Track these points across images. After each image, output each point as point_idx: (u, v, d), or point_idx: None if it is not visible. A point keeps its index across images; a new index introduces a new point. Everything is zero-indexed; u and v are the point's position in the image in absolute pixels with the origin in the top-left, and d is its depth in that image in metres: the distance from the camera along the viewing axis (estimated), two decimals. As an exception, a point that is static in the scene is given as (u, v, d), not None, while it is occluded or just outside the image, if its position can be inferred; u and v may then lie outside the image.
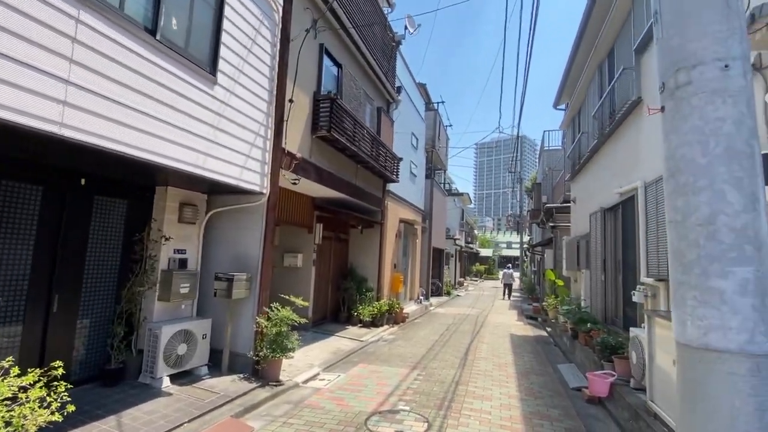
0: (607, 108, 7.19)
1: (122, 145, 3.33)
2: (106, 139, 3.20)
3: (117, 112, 3.28)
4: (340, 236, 10.03)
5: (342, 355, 6.75)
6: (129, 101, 3.39)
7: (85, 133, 3.04)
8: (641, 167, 5.70)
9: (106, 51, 3.20)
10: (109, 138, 3.22)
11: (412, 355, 7.00)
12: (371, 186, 9.61)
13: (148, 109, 3.57)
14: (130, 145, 3.40)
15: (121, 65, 3.32)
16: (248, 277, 5.32)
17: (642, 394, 4.45)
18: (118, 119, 3.29)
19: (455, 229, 25.07)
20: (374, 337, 8.30)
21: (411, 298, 13.57)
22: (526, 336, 9.80)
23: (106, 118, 3.20)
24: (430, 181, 16.03)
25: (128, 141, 3.38)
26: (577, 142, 10.04)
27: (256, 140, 5.07)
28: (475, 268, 40.53)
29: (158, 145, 3.68)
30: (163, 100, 3.74)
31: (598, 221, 7.73)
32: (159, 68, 3.69)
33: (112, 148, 3.25)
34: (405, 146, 12.29)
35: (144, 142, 3.53)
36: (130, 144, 3.39)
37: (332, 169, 7.44)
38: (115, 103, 3.28)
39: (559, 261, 12.51)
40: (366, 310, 9.27)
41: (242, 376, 5.11)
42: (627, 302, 6.31)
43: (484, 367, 6.34)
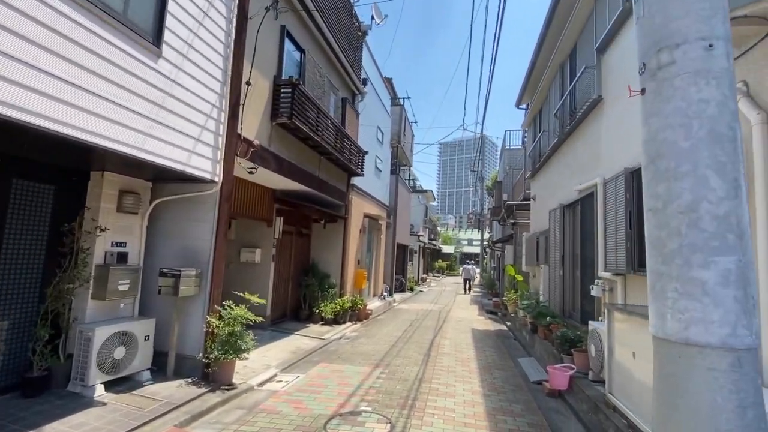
0: (568, 107, 7.35)
1: (41, 118, 2.85)
2: (20, 110, 2.72)
3: (35, 80, 2.80)
4: (301, 231, 9.65)
5: (302, 354, 6.43)
6: (49, 68, 2.90)
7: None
8: (600, 165, 5.84)
9: (19, 5, 2.71)
10: (25, 110, 2.74)
11: (375, 352, 6.82)
12: (335, 179, 9.30)
13: (74, 79, 3.09)
14: (52, 119, 2.92)
15: (41, 25, 2.84)
16: (198, 273, 4.88)
17: (601, 387, 4.52)
18: (36, 88, 2.81)
19: (419, 226, 25.21)
20: (336, 335, 8.03)
21: (375, 294, 13.41)
22: (487, 330, 9.93)
23: (20, 85, 2.71)
24: (396, 177, 15.92)
25: (49, 114, 2.90)
26: (537, 141, 10.27)
27: (207, 123, 4.64)
28: (437, 264, 41.15)
29: (88, 121, 3.21)
30: (95, 70, 3.27)
31: (557, 217, 7.91)
32: (90, 33, 3.21)
33: (27, 121, 2.76)
34: (371, 140, 12.06)
35: (70, 116, 3.06)
36: (51, 118, 2.92)
37: (294, 160, 7.07)
38: (33, 69, 2.79)
39: (519, 257, 12.82)
40: (328, 307, 8.98)
41: (190, 380, 4.69)
42: (585, 296, 6.48)
43: (447, 363, 6.28)
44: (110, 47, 3.40)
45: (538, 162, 10.06)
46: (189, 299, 4.90)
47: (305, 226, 9.86)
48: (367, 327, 9.37)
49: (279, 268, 8.66)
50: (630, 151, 4.79)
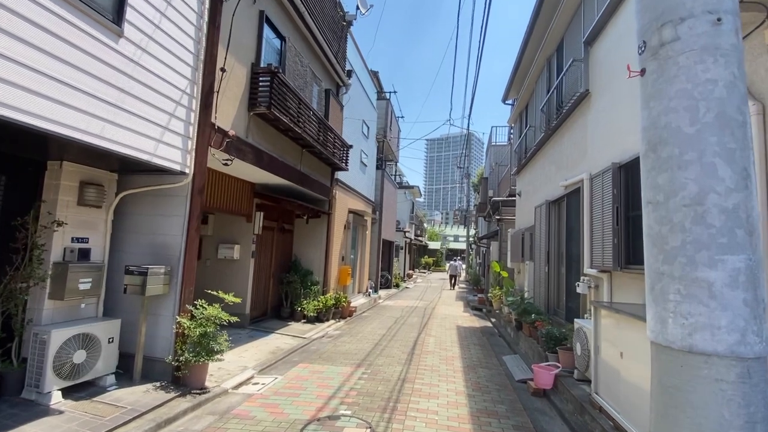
0: (555, 102, 7.24)
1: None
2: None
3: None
4: (283, 226, 9.36)
5: (281, 354, 6.20)
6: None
7: None
8: (587, 160, 5.74)
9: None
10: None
11: (358, 351, 6.63)
12: (318, 173, 9.03)
13: (20, 58, 2.78)
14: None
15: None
16: (167, 271, 4.59)
17: (586, 386, 4.43)
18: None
19: (405, 222, 25.09)
20: (318, 334, 7.81)
21: (359, 291, 13.21)
22: (472, 327, 9.85)
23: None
24: (381, 172, 15.70)
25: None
26: (523, 137, 10.19)
27: (176, 110, 4.34)
28: (423, 260, 41.19)
29: (37, 105, 2.90)
30: (45, 49, 2.95)
31: (542, 214, 7.83)
32: (39, 6, 2.90)
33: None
34: (355, 134, 11.80)
35: (14, 99, 2.75)
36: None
37: (274, 152, 6.79)
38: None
39: (504, 253, 12.78)
40: (310, 304, 8.74)
41: (159, 384, 4.42)
42: (570, 293, 6.41)
43: (431, 362, 6.13)
44: (63, 24, 3.08)
45: (524, 158, 9.98)
46: (158, 298, 4.61)
47: (287, 221, 9.58)
48: (350, 325, 9.18)
49: (259, 264, 8.38)
50: (617, 146, 4.69)
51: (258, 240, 8.19)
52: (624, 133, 4.58)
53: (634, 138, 4.31)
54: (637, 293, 4.13)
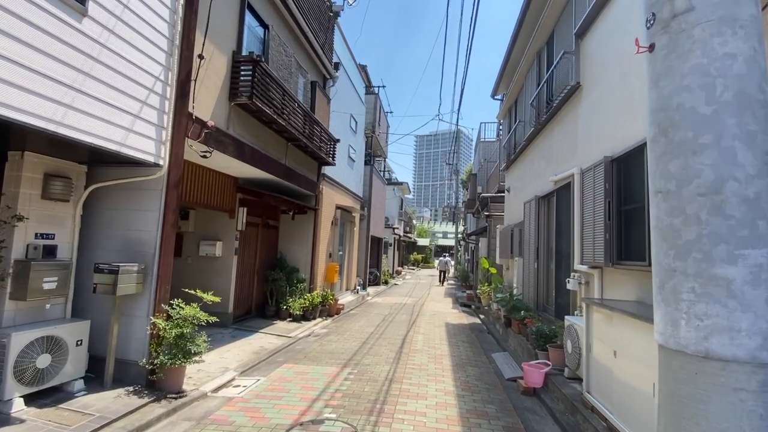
0: (545, 96, 7.14)
1: None
2: None
3: None
4: (268, 222, 9.10)
5: (265, 354, 5.99)
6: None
7: None
8: (577, 154, 5.65)
9: None
10: None
11: (345, 350, 6.46)
12: (304, 168, 8.79)
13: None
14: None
15: None
16: (141, 269, 4.34)
17: (577, 384, 4.34)
18: None
19: (394, 219, 24.94)
20: (304, 332, 7.61)
21: (347, 288, 13.03)
22: (460, 324, 9.76)
23: None
24: (370, 168, 15.49)
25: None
26: (512, 132, 10.10)
27: (149, 98, 4.07)
28: (412, 257, 41.17)
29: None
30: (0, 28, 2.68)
31: (532, 209, 7.75)
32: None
33: None
34: (343, 128, 11.57)
35: (-43, 78, 2.48)
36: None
37: (257, 145, 6.53)
38: None
39: (492, 249, 12.74)
40: (296, 303, 8.52)
41: (132, 389, 4.17)
42: (559, 290, 6.34)
43: (419, 361, 5.99)
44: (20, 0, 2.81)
45: (513, 153, 9.90)
46: (131, 298, 4.36)
47: (272, 217, 9.32)
48: (338, 323, 8.99)
49: (243, 262, 8.12)
50: (609, 139, 4.59)
51: (241, 236, 7.93)
52: (616, 126, 4.47)
53: (626, 131, 4.21)
54: (629, 290, 4.04)
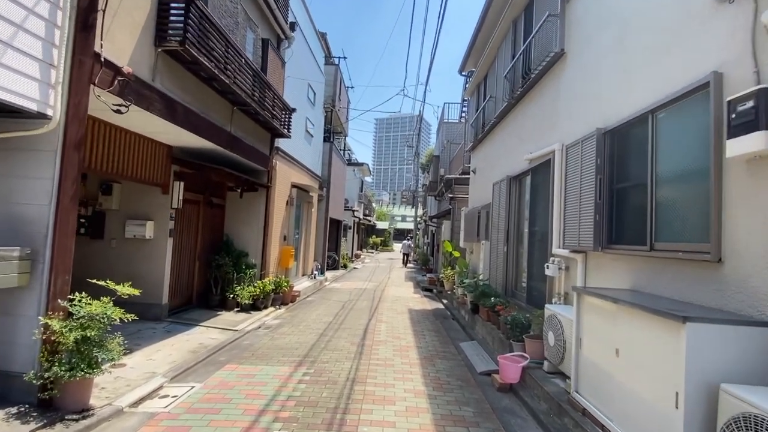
0: (521, 67, 6.62)
1: None
2: None
3: None
4: (212, 200, 8.00)
5: (204, 353, 5.11)
6: None
7: None
8: (559, 129, 5.19)
9: None
10: None
11: (299, 345, 5.72)
12: (254, 139, 7.75)
13: None
14: None
15: None
16: (27, 254, 3.29)
17: (560, 380, 3.94)
18: None
19: (354, 201, 24.16)
20: (254, 325, 6.76)
21: (304, 273, 12.19)
22: (424, 310, 9.34)
23: None
24: (330, 146, 14.52)
25: None
26: (481, 110, 9.61)
27: (27, 22, 2.97)
28: (371, 240, 40.76)
29: None
30: None
31: (502, 190, 7.33)
32: None
33: None
34: (300, 98, 10.50)
35: None
36: None
37: (194, 106, 5.46)
38: None
39: (456, 232, 12.41)
40: (245, 291, 7.61)
41: (16, 411, 3.20)
42: (532, 275, 5.98)
43: (384, 355, 5.40)
44: None
45: (481, 132, 9.43)
46: (12, 293, 3.31)
47: (217, 194, 8.21)
48: (293, 312, 8.20)
49: (180, 245, 7.04)
50: (601, 110, 4.11)
51: (178, 216, 6.83)
52: (610, 94, 4.00)
53: (623, 99, 3.74)
54: (621, 277, 3.64)
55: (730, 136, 2.39)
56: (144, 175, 5.89)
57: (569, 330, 3.76)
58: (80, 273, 5.42)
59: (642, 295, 3.14)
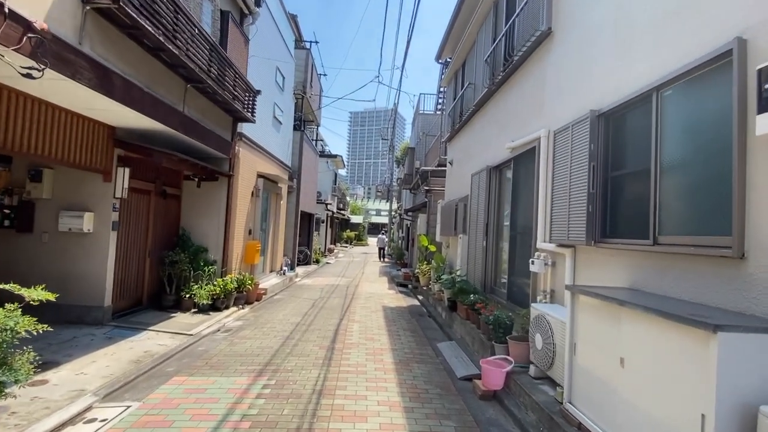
0: (503, 51, 6.24)
1: None
2: None
3: None
4: (165, 190, 7.20)
5: (149, 363, 4.45)
6: None
7: None
8: (544, 114, 4.82)
9: None
10: None
11: (262, 350, 5.14)
12: (213, 122, 7.02)
13: None
14: None
15: None
16: None
17: (548, 387, 3.59)
18: None
19: (327, 194, 23.44)
20: (212, 327, 6.10)
21: (272, 269, 11.50)
22: (399, 307, 8.92)
23: None
24: (300, 134, 13.78)
25: None
26: (459, 98, 9.22)
27: None
28: (345, 234, 40.09)
29: None
30: None
31: (481, 181, 6.97)
32: None
33: None
34: (267, 81, 9.75)
35: None
36: None
37: (137, 80, 4.74)
38: None
39: (432, 226, 12.06)
40: (204, 290, 6.92)
41: None
42: (513, 271, 5.64)
43: (356, 360, 4.92)
44: None
45: (459, 122, 9.05)
46: None
47: (172, 183, 7.42)
48: (257, 312, 7.57)
49: (127, 239, 6.26)
50: (594, 91, 3.75)
51: (124, 207, 6.05)
52: (605, 73, 3.64)
53: (621, 76, 3.38)
54: (617, 273, 3.30)
55: (761, 110, 2.03)
56: (80, 160, 5.11)
57: (561, 333, 3.40)
58: (1, 272, 4.63)
59: (645, 295, 2.79)
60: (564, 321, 3.36)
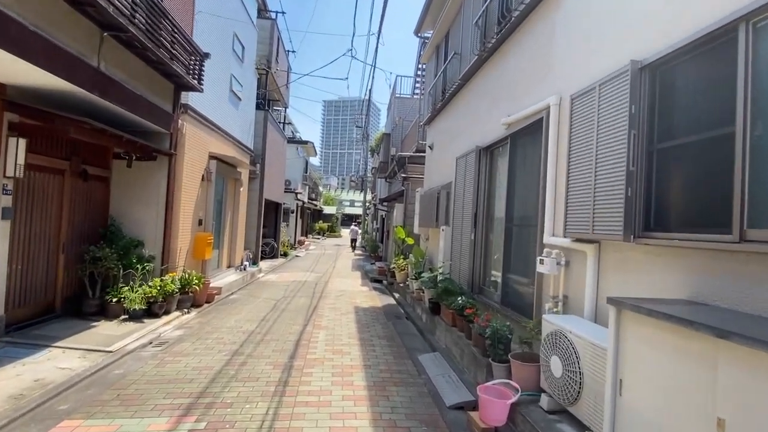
0: (498, 9, 5.30)
1: None
2: None
3: None
4: (86, 170, 5.85)
5: (37, 398, 3.27)
6: None
7: None
8: (556, 77, 3.92)
9: None
10: None
11: (198, 373, 4.04)
12: (147, 87, 5.72)
13: None
14: None
15: None
16: None
17: (568, 428, 2.72)
18: None
19: (297, 182, 22.07)
20: (142, 339, 4.92)
21: (231, 265, 10.24)
22: (373, 308, 7.96)
23: None
24: (265, 114, 12.43)
25: None
26: (441, 74, 8.25)
27: None
28: (318, 225, 38.72)
29: None
30: None
31: (469, 165, 6.06)
32: None
33: None
34: (221, 48, 8.42)
35: None
36: None
37: (24, 17, 3.45)
38: None
39: (410, 217, 11.15)
40: (137, 292, 5.69)
41: None
42: (511, 269, 4.77)
43: (318, 384, 3.91)
44: None
45: (441, 101, 8.10)
46: None
47: (96, 162, 6.07)
48: (205, 317, 6.40)
49: (28, 230, 4.93)
50: (641, 34, 2.84)
51: (21, 189, 4.72)
52: (655, 10, 2.73)
53: (680, 13, 2.48)
54: (659, 280, 2.45)
55: None
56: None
57: (592, 359, 2.52)
58: None
59: (737, 315, 1.93)
60: (597, 344, 2.48)
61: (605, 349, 2.35)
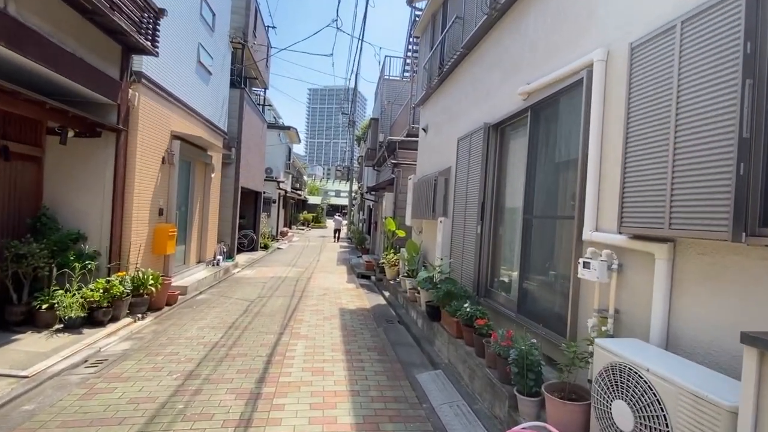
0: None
1: None
2: None
3: None
4: (7, 147, 4.74)
5: None
6: None
7: None
8: (601, 24, 3.05)
9: None
10: None
11: (135, 408, 3.11)
12: (86, 46, 4.63)
13: None
14: None
15: None
16: None
17: None
18: None
19: (280, 170, 20.91)
20: (74, 358, 3.93)
21: (201, 260, 9.20)
22: (361, 309, 7.10)
23: None
24: (241, 93, 11.27)
25: None
26: (439, 45, 7.31)
27: None
28: (302, 216, 37.52)
29: None
30: None
31: (475, 147, 5.20)
32: None
33: None
34: (185, 8, 7.27)
35: None
36: None
37: None
38: None
39: (401, 207, 10.28)
40: (75, 296, 4.67)
41: None
42: (532, 270, 3.95)
43: (292, 421, 3.03)
44: None
45: (437, 76, 7.17)
46: None
47: (22, 138, 4.96)
48: (163, 324, 5.41)
49: None
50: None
51: None
52: None
53: None
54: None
55: None
56: None
57: (693, 417, 1.70)
58: None
59: None
60: (706, 398, 1.65)
61: (718, 405, 1.53)
